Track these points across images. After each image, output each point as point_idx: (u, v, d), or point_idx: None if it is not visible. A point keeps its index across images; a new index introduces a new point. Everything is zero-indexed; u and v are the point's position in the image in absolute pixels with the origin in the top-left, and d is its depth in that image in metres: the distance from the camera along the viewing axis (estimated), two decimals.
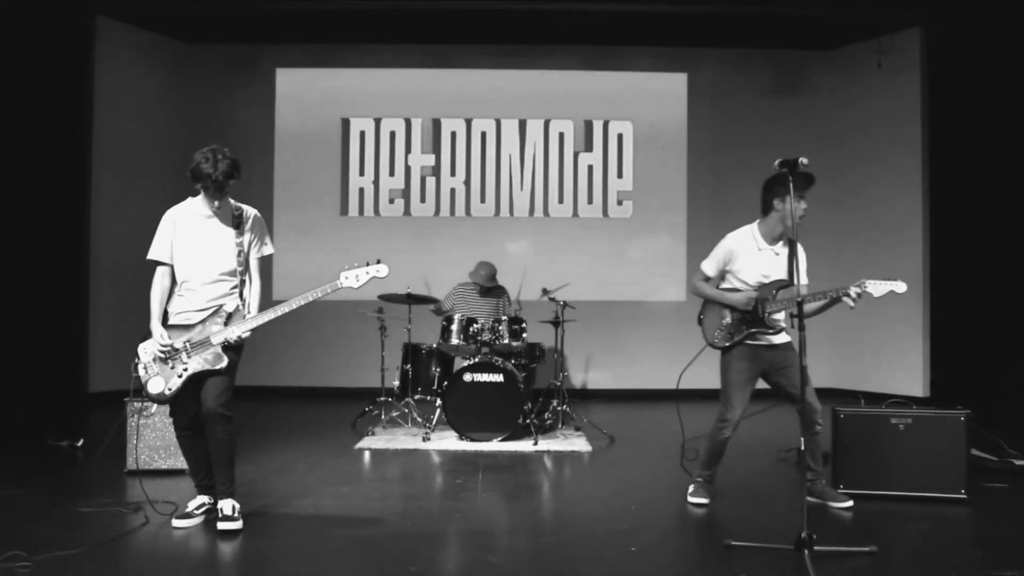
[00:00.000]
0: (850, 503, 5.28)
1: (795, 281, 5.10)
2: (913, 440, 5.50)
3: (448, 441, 7.36)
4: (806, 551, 4.08)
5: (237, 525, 4.64)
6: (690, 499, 5.45)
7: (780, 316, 5.30)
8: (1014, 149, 9.12)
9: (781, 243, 5.35)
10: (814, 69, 11.02)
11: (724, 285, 5.45)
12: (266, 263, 5.08)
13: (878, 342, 10.41)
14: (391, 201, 10.82)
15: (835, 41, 10.73)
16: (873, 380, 10.26)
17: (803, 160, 4.49)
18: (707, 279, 5.50)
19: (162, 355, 4.65)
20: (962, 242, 9.81)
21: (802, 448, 4.62)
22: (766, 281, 5.27)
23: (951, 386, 9.48)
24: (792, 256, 5.26)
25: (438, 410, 7.66)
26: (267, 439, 7.48)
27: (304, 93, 10.83)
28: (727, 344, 5.37)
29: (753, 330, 5.28)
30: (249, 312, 4.81)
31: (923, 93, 10.08)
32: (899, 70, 10.20)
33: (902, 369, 10.15)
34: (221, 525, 4.62)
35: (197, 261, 4.74)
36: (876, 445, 5.54)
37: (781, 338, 5.37)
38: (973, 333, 9.62)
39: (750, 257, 5.32)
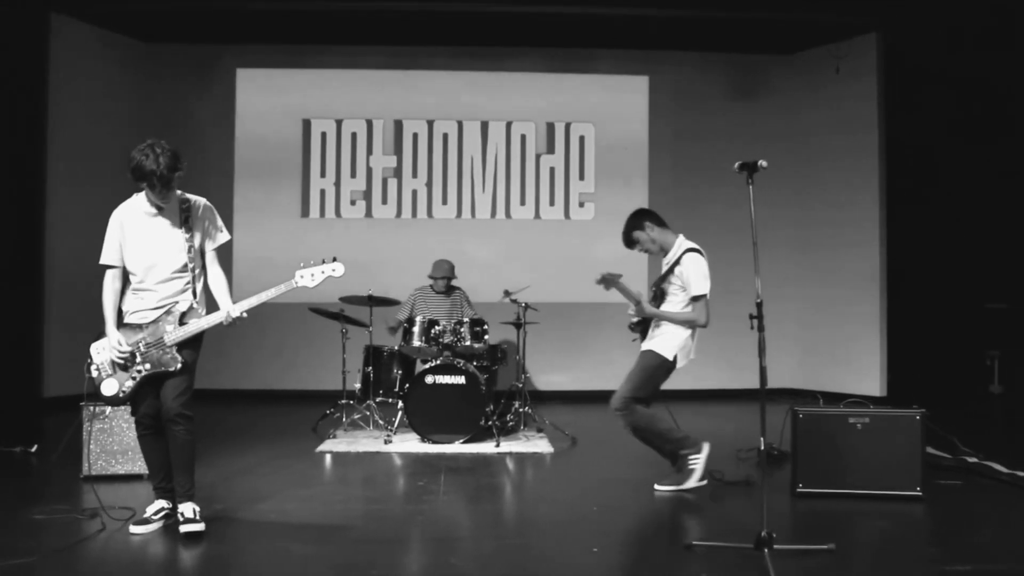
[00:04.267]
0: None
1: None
2: (870, 439, 5.57)
3: (410, 443, 7.34)
4: (766, 550, 4.12)
5: (200, 527, 4.56)
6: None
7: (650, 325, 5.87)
8: (968, 151, 9.29)
9: (672, 254, 5.83)
10: (774, 73, 11.12)
11: None
12: (225, 265, 5.01)
13: (837, 342, 10.54)
14: (352, 203, 10.77)
15: (794, 46, 10.84)
16: (832, 380, 10.37)
17: (762, 163, 4.53)
18: None
19: (121, 362, 4.58)
20: (917, 243, 9.98)
21: (761, 448, 4.66)
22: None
23: (907, 386, 9.63)
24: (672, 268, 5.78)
25: (400, 412, 7.63)
26: (227, 442, 7.41)
27: (265, 94, 10.74)
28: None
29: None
30: (219, 303, 4.75)
31: (880, 97, 10.22)
32: (856, 74, 10.33)
33: (860, 369, 10.27)
34: (184, 528, 4.54)
35: (148, 260, 4.64)
36: (834, 444, 5.61)
37: (644, 343, 5.85)
38: (928, 333, 9.79)
39: None
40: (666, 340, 5.68)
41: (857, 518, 5.18)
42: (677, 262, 5.71)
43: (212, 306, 4.77)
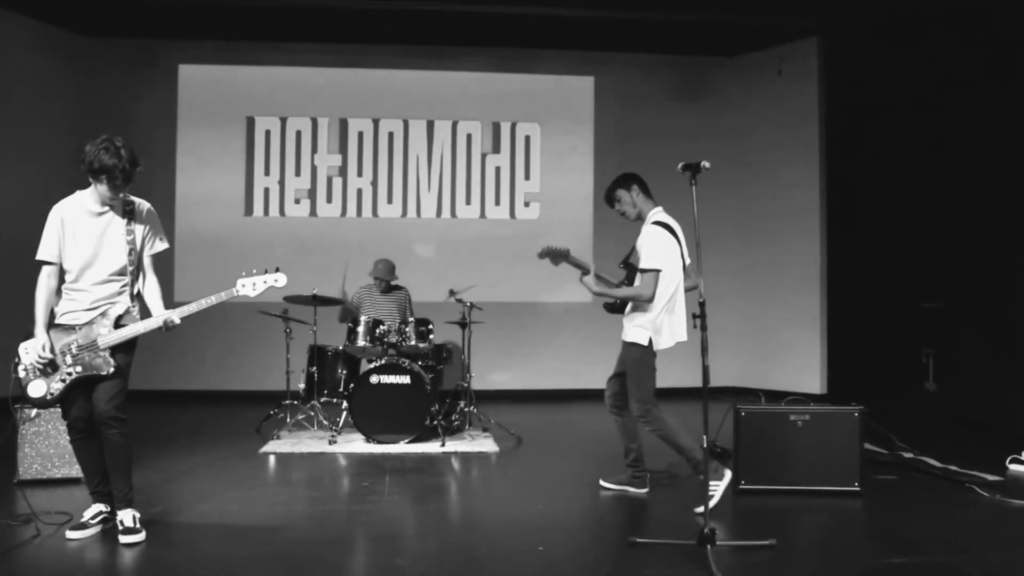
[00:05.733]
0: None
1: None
2: (810, 436, 5.67)
3: (355, 444, 7.31)
4: (708, 546, 4.18)
5: (139, 537, 4.48)
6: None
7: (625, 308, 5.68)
8: (906, 154, 9.49)
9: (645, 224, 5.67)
10: (718, 75, 11.26)
11: None
12: (167, 263, 4.93)
13: (779, 341, 10.71)
14: (297, 201, 10.67)
15: (738, 48, 11.00)
16: (774, 378, 10.54)
17: (705, 164, 4.58)
18: None
19: (40, 366, 4.45)
20: (856, 242, 10.18)
21: (704, 445, 4.72)
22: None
23: (846, 383, 9.82)
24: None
25: (344, 412, 7.61)
26: (168, 444, 7.31)
27: (208, 90, 10.59)
28: None
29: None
30: (152, 310, 4.63)
31: (820, 98, 10.40)
32: (798, 77, 10.50)
33: (801, 367, 10.44)
34: (123, 539, 4.45)
35: (87, 260, 4.52)
36: (775, 441, 5.70)
37: (624, 335, 5.64)
38: (866, 331, 9.99)
39: None
40: (635, 326, 5.50)
41: (797, 513, 5.30)
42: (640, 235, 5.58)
43: (146, 311, 4.68)
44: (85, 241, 4.52)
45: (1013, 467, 6.44)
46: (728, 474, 5.41)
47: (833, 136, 10.38)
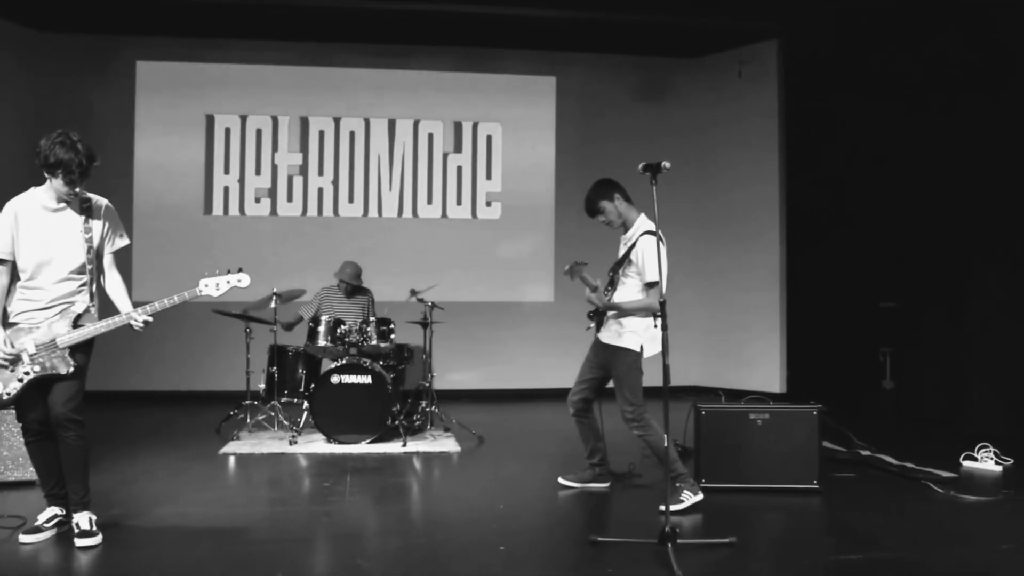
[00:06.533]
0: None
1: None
2: (770, 435, 5.74)
3: (316, 444, 7.28)
4: (669, 544, 4.21)
5: (96, 540, 4.41)
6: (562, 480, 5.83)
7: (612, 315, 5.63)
8: (863, 156, 9.63)
9: (632, 230, 5.65)
10: (679, 76, 11.34)
11: None
12: (125, 261, 4.86)
13: (739, 340, 10.80)
14: (257, 200, 10.59)
15: (699, 50, 11.07)
16: (734, 378, 10.63)
17: (666, 164, 4.61)
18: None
19: (4, 364, 4.35)
20: (815, 241, 10.30)
21: (665, 444, 4.76)
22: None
23: (805, 382, 9.93)
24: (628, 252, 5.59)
25: (305, 413, 7.57)
26: (126, 445, 7.22)
27: (167, 87, 10.46)
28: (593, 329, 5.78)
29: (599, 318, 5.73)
30: (118, 308, 4.58)
31: (780, 100, 10.51)
32: (758, 79, 10.60)
33: (761, 366, 10.54)
34: (79, 542, 4.37)
35: (43, 258, 4.42)
36: (735, 440, 5.76)
37: (603, 336, 5.65)
38: (825, 331, 10.12)
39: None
40: (629, 332, 5.51)
41: (757, 511, 5.35)
42: (634, 244, 5.57)
43: (105, 310, 4.60)
44: (40, 238, 4.44)
45: (967, 464, 6.59)
46: (701, 496, 5.40)
47: (792, 138, 10.49)
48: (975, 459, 6.61)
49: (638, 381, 5.51)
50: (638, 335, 5.49)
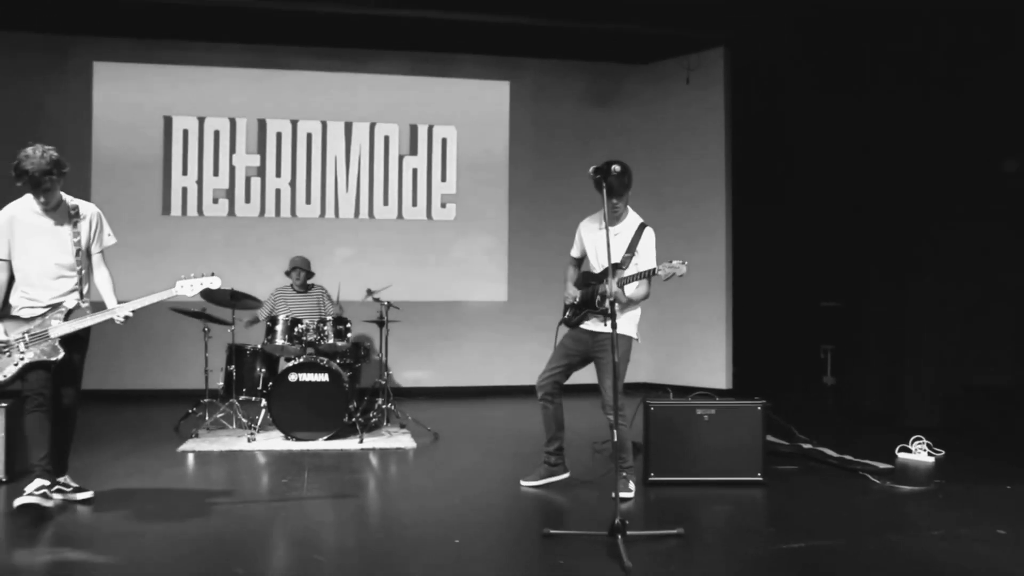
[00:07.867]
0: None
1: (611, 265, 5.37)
2: (716, 429, 5.90)
3: (274, 441, 7.36)
4: (619, 536, 4.31)
5: (90, 493, 5.24)
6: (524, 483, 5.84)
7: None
8: (806, 158, 9.90)
9: (623, 224, 5.71)
10: (629, 81, 11.54)
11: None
12: None
13: (687, 339, 10.98)
14: (215, 201, 10.63)
15: (648, 56, 11.28)
16: (682, 375, 10.83)
17: (615, 167, 4.80)
18: (572, 261, 5.92)
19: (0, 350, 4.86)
20: (760, 243, 10.53)
21: (615, 440, 4.93)
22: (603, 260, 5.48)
23: (750, 378, 10.16)
24: (635, 239, 5.72)
25: (263, 410, 7.63)
26: (84, 444, 7.07)
27: (124, 89, 10.44)
28: (567, 322, 5.80)
29: (586, 310, 5.68)
30: (105, 302, 5.15)
31: (726, 105, 10.74)
32: (705, 85, 10.83)
33: (708, 363, 10.73)
34: (81, 496, 5.24)
35: (37, 258, 4.97)
36: (683, 435, 5.91)
37: (595, 326, 5.66)
38: (769, 329, 10.36)
39: (588, 236, 5.79)
40: (627, 319, 5.61)
41: (704, 503, 5.52)
42: (638, 237, 5.71)
43: (96, 307, 5.13)
44: (33, 240, 5.00)
45: (902, 455, 6.84)
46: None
47: (739, 142, 10.71)
48: (909, 451, 6.87)
49: (625, 370, 5.64)
50: (635, 323, 5.69)
